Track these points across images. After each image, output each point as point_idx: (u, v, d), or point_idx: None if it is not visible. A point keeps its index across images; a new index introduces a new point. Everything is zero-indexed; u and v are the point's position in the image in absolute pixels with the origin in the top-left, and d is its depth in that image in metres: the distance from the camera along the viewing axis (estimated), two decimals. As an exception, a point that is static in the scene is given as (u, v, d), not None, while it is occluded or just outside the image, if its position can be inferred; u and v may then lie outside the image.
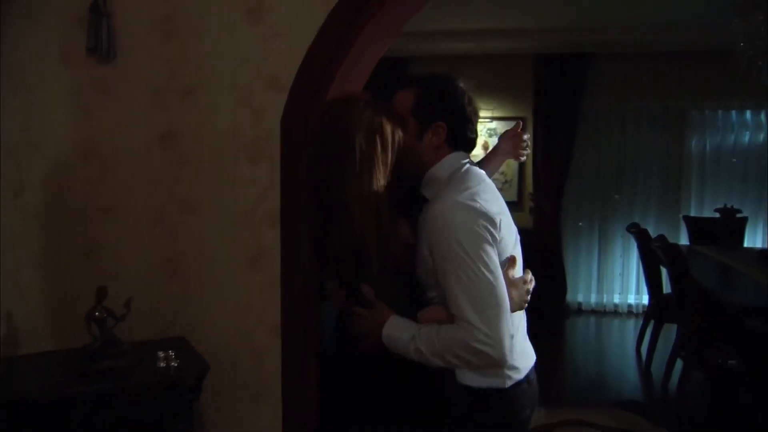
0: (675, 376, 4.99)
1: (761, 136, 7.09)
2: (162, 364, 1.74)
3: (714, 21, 5.27)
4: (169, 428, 1.75)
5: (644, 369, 5.66)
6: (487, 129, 7.60)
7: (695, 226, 6.90)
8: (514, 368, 1.65)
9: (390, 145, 1.63)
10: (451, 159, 1.70)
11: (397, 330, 1.60)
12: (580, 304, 7.72)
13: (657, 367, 5.41)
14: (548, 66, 7.36)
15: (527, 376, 1.71)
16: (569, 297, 7.63)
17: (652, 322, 5.86)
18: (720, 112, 7.23)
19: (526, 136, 2.25)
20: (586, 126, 7.44)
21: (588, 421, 4.53)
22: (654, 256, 5.45)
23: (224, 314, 2.02)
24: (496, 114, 7.61)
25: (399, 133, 1.66)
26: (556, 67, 7.31)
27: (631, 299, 7.54)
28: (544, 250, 7.32)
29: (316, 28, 1.90)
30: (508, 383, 1.64)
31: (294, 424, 2.02)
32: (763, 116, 7.03)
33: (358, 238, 1.58)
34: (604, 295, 7.68)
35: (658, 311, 5.75)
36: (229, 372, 1.98)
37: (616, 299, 7.65)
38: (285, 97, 1.93)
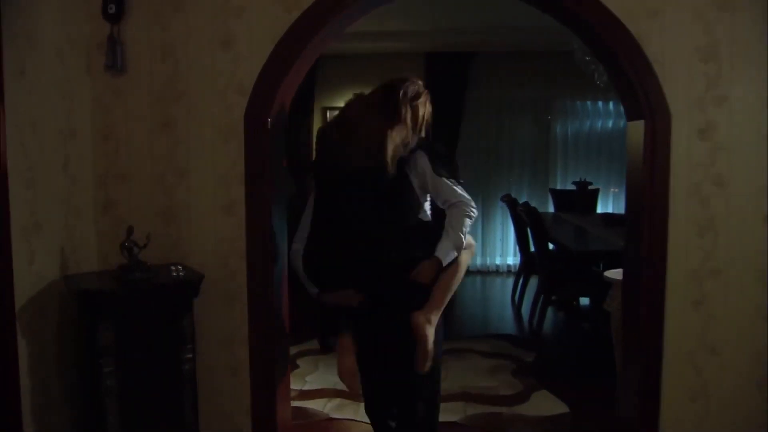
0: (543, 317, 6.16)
1: (610, 123, 8.38)
2: (174, 274, 2.67)
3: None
4: (179, 317, 2.68)
5: (516, 311, 6.86)
6: None
7: (559, 196, 8.08)
8: None
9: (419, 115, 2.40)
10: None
11: (447, 256, 2.35)
12: (467, 266, 8.84)
13: (525, 310, 6.60)
14: (437, 63, 8.16)
15: None
16: None
17: (522, 276, 7.06)
18: (578, 102, 8.42)
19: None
20: (470, 114, 8.34)
21: (469, 348, 5.64)
22: (521, 220, 6.60)
23: (207, 245, 2.95)
24: None
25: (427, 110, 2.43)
26: (443, 63, 8.13)
27: (510, 260, 8.68)
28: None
29: (267, 53, 2.85)
30: None
31: (256, 320, 2.98)
32: (611, 106, 8.31)
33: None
34: (488, 258, 8.78)
35: (526, 266, 6.94)
36: (210, 286, 2.89)
37: (498, 261, 8.79)
38: (247, 99, 2.88)
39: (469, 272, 8.65)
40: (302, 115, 8.10)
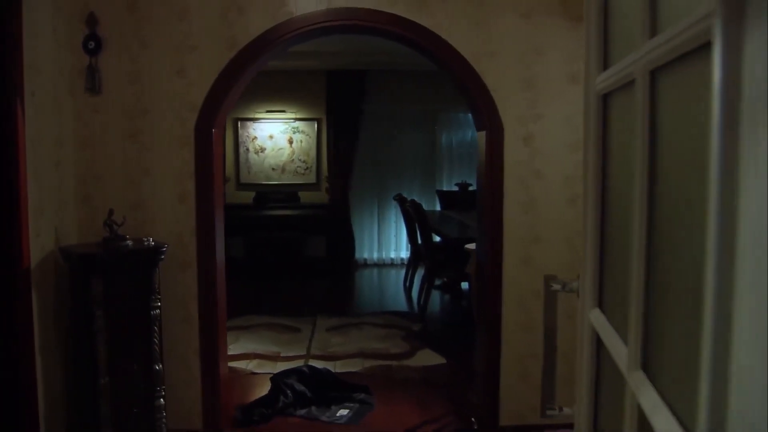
0: (434, 299, 7.31)
1: (485, 132, 9.66)
2: (146, 243, 3.60)
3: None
4: (149, 274, 3.60)
5: (407, 294, 8.01)
6: (292, 127, 9.45)
7: (444, 196, 9.29)
8: None
9: None
10: None
11: None
12: (365, 259, 9.86)
13: (415, 294, 7.76)
14: (337, 79, 9.13)
15: None
16: (357, 255, 9.70)
17: (412, 265, 8.22)
18: (461, 114, 9.66)
19: None
20: (366, 124, 9.37)
21: (366, 322, 6.70)
22: (410, 215, 7.74)
23: (166, 225, 3.88)
24: (298, 116, 9.40)
25: None
26: (342, 80, 9.12)
27: (403, 254, 9.84)
28: (337, 220, 9.27)
29: (213, 80, 3.83)
30: None
31: (202, 281, 3.93)
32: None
33: None
34: (383, 252, 9.90)
35: (415, 256, 8.10)
36: (170, 255, 3.82)
37: (392, 254, 9.93)
38: (197, 114, 3.84)
39: (366, 265, 9.85)
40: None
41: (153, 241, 3.65)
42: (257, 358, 5.56)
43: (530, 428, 3.96)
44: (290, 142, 9.39)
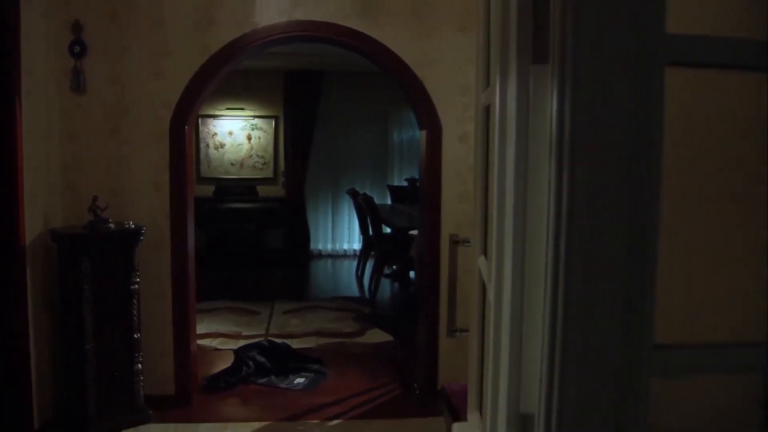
0: (384, 287, 7.87)
1: (434, 131, 10.26)
2: (126, 226, 4.07)
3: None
4: (130, 253, 4.07)
5: (359, 282, 8.55)
6: (251, 124, 9.88)
7: (394, 191, 9.82)
8: None
9: None
10: None
11: None
12: (320, 251, 10.35)
13: (366, 281, 8.32)
14: (294, 79, 9.58)
15: None
16: (312, 246, 10.18)
17: (363, 255, 8.76)
18: (411, 114, 10.22)
19: None
20: (321, 122, 9.83)
21: (321, 306, 7.23)
22: (362, 208, 8.28)
23: (143, 210, 4.35)
24: (257, 113, 9.82)
25: None
26: (299, 80, 9.57)
27: (355, 246, 10.37)
28: (293, 213, 9.71)
29: (186, 82, 4.31)
30: None
31: (175, 261, 4.41)
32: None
33: None
34: (337, 244, 10.41)
35: (366, 246, 8.66)
36: (147, 238, 4.28)
37: (345, 246, 10.44)
38: (171, 112, 4.33)
39: (321, 255, 10.34)
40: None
41: (133, 224, 4.13)
42: (220, 336, 6.05)
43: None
44: (249, 138, 9.83)
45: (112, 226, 4.05)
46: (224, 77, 4.60)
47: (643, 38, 0.91)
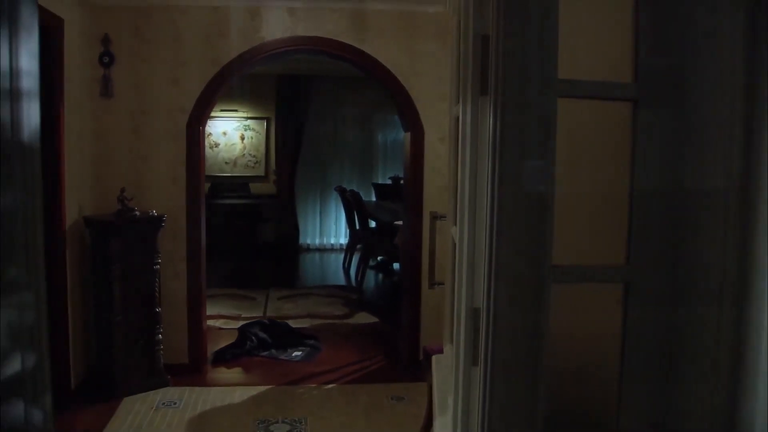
0: (370, 277, 8.48)
1: (416, 132, 10.88)
2: (150, 214, 4.68)
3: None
4: (153, 238, 4.67)
5: (346, 273, 9.17)
6: (244, 125, 10.43)
7: (379, 188, 10.39)
8: None
9: None
10: None
11: None
12: (309, 245, 10.91)
13: (353, 272, 8.94)
14: (286, 83, 10.09)
15: None
16: (301, 240, 10.73)
17: (350, 248, 9.37)
18: (395, 116, 10.77)
19: None
20: (310, 123, 10.36)
21: (312, 293, 7.84)
22: (349, 204, 8.89)
23: (161, 200, 4.95)
24: (249, 115, 10.37)
25: None
26: (290, 83, 10.08)
27: (342, 240, 10.93)
28: (283, 209, 10.24)
29: (201, 89, 4.92)
30: None
31: (189, 246, 5.02)
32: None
33: None
34: (325, 238, 10.98)
35: (352, 240, 9.27)
36: (165, 226, 4.88)
37: (332, 240, 11.02)
38: (188, 115, 4.94)
39: (309, 249, 10.97)
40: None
41: (155, 212, 4.74)
42: (222, 318, 6.66)
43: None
44: (242, 138, 10.39)
45: (137, 213, 4.66)
46: (231, 83, 5.22)
47: (545, 81, 1.56)
